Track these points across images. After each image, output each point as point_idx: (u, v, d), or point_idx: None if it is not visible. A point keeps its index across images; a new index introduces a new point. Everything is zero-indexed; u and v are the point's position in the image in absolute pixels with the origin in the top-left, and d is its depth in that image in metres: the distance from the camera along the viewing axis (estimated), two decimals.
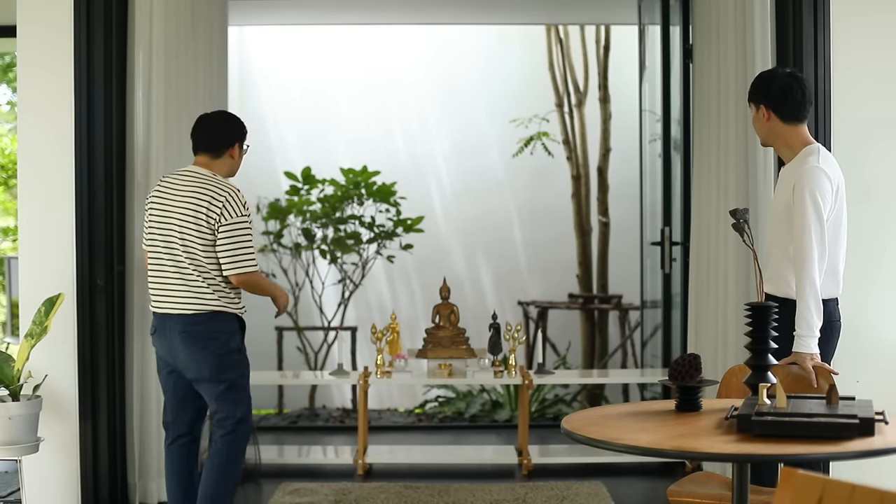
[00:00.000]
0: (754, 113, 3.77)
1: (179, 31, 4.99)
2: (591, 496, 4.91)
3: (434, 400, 7.55)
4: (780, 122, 3.71)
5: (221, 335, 4.04)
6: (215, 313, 4.03)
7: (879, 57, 4.35)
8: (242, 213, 4.01)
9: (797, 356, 3.43)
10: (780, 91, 3.70)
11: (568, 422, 2.82)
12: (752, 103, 3.77)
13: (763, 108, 3.71)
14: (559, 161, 8.15)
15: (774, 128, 3.73)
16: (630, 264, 7.36)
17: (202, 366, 4.03)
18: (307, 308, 7.76)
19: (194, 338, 4.01)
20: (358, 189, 7.28)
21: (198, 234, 4.00)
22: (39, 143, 4.54)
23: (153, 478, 4.82)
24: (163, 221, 4.05)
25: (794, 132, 3.72)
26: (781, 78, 3.72)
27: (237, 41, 8.08)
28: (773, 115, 3.71)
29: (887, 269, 4.33)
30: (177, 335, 4.03)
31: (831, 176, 3.58)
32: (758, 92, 3.76)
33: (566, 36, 8.11)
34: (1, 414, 4.06)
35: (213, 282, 4.02)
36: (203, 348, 4.01)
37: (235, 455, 4.10)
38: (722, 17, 4.89)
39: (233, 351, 4.07)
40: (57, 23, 4.50)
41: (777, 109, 3.70)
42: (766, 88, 3.74)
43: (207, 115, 4.31)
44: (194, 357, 4.03)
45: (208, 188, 4.02)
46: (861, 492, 1.78)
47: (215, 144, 4.15)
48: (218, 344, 4.03)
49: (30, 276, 4.54)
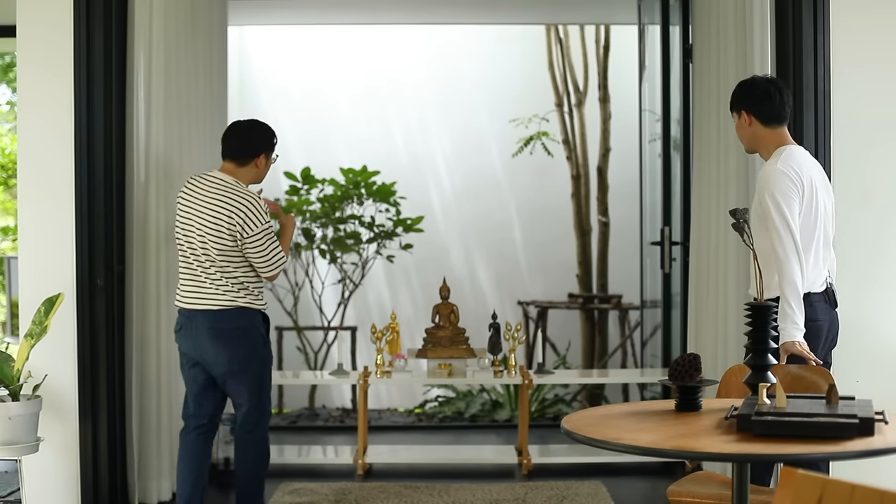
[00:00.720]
0: (737, 120, 3.87)
1: (179, 31, 4.99)
2: (591, 496, 4.91)
3: (434, 400, 7.55)
4: (761, 127, 3.81)
5: (247, 330, 4.19)
6: (240, 309, 4.18)
7: (880, 59, 4.34)
8: (264, 221, 4.15)
9: (782, 348, 3.50)
10: (760, 95, 3.80)
11: (568, 422, 2.82)
12: (734, 111, 3.88)
13: (745, 113, 3.82)
14: (559, 161, 8.15)
15: (756, 132, 3.83)
16: (630, 264, 7.36)
17: (230, 361, 4.19)
18: (307, 308, 7.76)
19: (221, 335, 4.16)
20: (358, 189, 7.28)
21: (217, 240, 4.14)
22: (39, 143, 4.54)
23: (153, 478, 4.82)
24: (186, 224, 4.20)
25: (774, 135, 3.81)
26: (760, 83, 3.83)
27: (237, 41, 8.08)
28: (755, 120, 3.82)
29: (887, 271, 4.33)
30: (204, 332, 4.17)
31: (794, 173, 3.65)
32: (738, 99, 3.87)
33: (566, 36, 8.11)
34: (1, 414, 4.06)
35: (237, 281, 4.17)
36: (229, 345, 4.17)
37: (262, 450, 4.31)
38: (722, 17, 4.89)
39: (257, 345, 4.23)
40: (57, 22, 4.50)
41: (758, 113, 3.80)
42: (745, 94, 3.85)
43: (238, 122, 4.36)
44: (221, 353, 4.18)
45: (229, 198, 4.14)
46: (861, 492, 1.78)
47: (241, 153, 4.23)
48: (244, 339, 4.19)
49: (30, 275, 4.54)
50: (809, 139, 4.31)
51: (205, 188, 4.20)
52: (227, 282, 4.15)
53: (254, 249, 4.14)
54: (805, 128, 4.33)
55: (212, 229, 4.13)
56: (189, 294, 4.21)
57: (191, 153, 5.14)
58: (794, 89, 4.36)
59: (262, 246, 4.15)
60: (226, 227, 4.11)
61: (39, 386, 4.27)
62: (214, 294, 4.16)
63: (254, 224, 4.12)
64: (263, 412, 4.31)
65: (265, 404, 4.31)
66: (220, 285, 4.15)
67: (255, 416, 4.28)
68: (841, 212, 4.34)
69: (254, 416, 4.28)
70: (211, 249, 4.14)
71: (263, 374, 4.29)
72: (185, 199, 4.23)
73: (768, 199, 3.60)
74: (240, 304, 4.17)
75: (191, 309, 4.20)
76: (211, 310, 4.16)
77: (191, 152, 5.14)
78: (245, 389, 4.25)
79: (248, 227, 4.11)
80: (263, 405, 4.30)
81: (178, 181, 4.99)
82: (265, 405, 4.31)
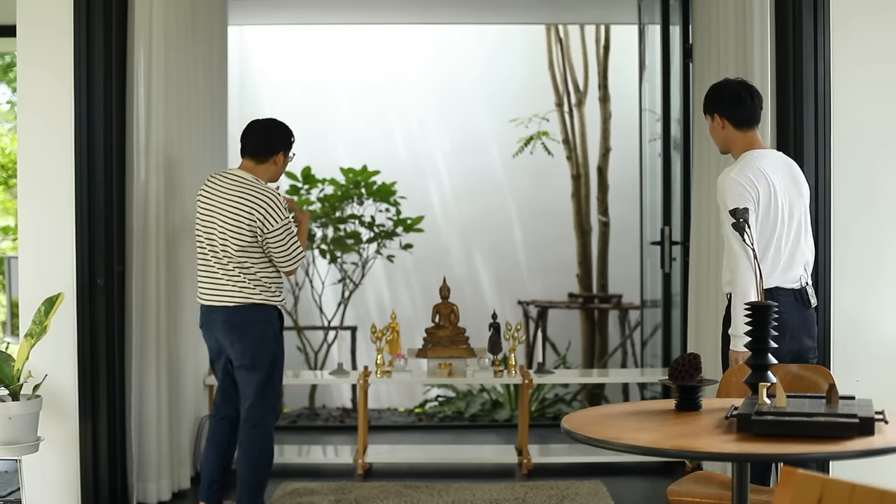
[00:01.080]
0: (710, 123, 3.96)
1: (179, 31, 4.99)
2: (591, 496, 4.91)
3: (434, 399, 7.55)
4: (733, 129, 3.89)
5: (259, 324, 4.32)
6: (255, 305, 4.31)
7: (882, 59, 4.34)
8: (284, 217, 4.26)
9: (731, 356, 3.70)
10: (731, 98, 3.89)
11: (568, 421, 2.82)
12: (707, 114, 3.97)
13: (717, 116, 3.91)
14: (559, 161, 8.15)
15: (729, 135, 3.91)
16: (630, 264, 7.36)
17: (244, 353, 4.34)
18: (307, 308, 7.76)
19: (236, 328, 4.31)
20: (358, 189, 7.28)
21: (238, 237, 4.26)
22: (39, 143, 4.54)
23: (153, 478, 4.82)
24: (207, 221, 4.33)
25: (745, 138, 3.90)
26: (732, 86, 3.92)
27: (237, 41, 8.08)
28: (727, 123, 3.90)
29: (888, 271, 4.34)
30: (220, 326, 4.34)
31: (748, 181, 3.73)
32: (710, 102, 3.97)
33: (566, 36, 8.11)
34: (1, 413, 4.06)
35: (254, 278, 4.30)
36: (242, 337, 4.32)
37: (266, 445, 4.41)
38: (722, 16, 4.89)
39: (270, 339, 4.36)
40: (57, 22, 4.50)
41: (730, 116, 3.89)
42: (717, 97, 3.94)
43: (256, 121, 4.48)
44: (234, 346, 4.34)
45: (249, 195, 4.26)
46: (861, 491, 1.78)
47: (260, 151, 4.36)
48: (257, 332, 4.32)
49: (30, 275, 4.53)
50: (809, 139, 4.31)
51: (225, 186, 4.32)
52: (245, 278, 4.28)
53: (275, 244, 4.26)
54: (805, 128, 4.33)
55: (232, 225, 4.25)
56: (207, 290, 4.35)
57: (191, 153, 5.14)
58: (795, 89, 4.37)
59: (282, 240, 4.26)
60: (246, 223, 4.23)
61: (39, 386, 4.27)
62: (231, 290, 4.29)
63: (274, 220, 4.23)
64: (268, 410, 4.39)
65: (271, 402, 4.40)
66: (237, 282, 4.27)
67: (258, 412, 4.36)
68: (842, 212, 4.34)
69: (257, 410, 4.36)
70: (231, 246, 4.26)
71: (273, 371, 4.39)
72: (206, 197, 4.34)
73: (722, 208, 3.73)
74: (255, 301, 4.29)
75: (209, 305, 4.35)
76: (227, 306, 4.29)
77: (191, 152, 5.14)
78: (254, 382, 4.35)
79: (268, 222, 4.23)
80: (269, 402, 4.39)
81: (178, 181, 4.99)
82: (271, 403, 4.40)
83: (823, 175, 4.32)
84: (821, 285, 4.26)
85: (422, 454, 5.95)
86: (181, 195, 5.04)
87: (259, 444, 4.39)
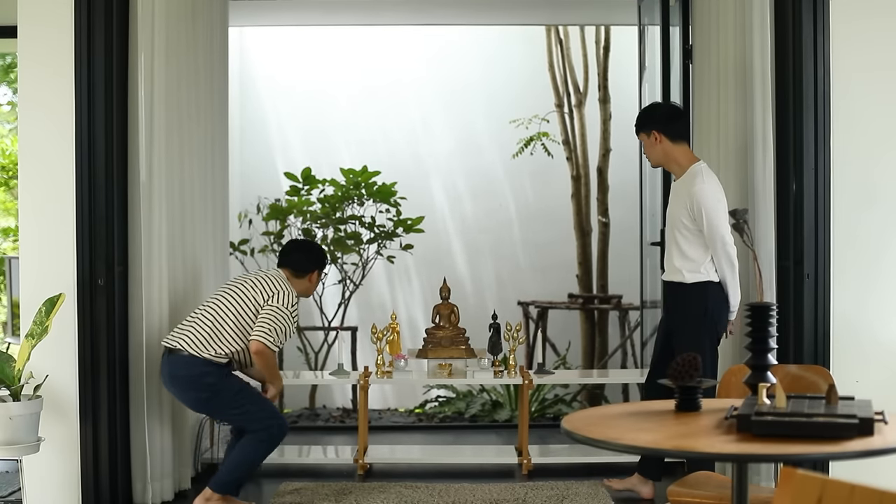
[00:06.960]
0: (645, 140, 4.47)
1: (180, 32, 4.99)
2: (591, 496, 4.91)
3: (434, 400, 7.55)
4: (669, 143, 4.43)
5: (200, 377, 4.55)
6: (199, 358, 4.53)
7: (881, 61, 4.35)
8: (290, 307, 4.64)
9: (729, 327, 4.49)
10: (665, 115, 4.48)
11: (568, 422, 2.83)
12: (643, 132, 4.49)
13: (654, 133, 4.43)
14: (559, 161, 8.16)
15: (666, 149, 4.44)
16: (630, 264, 7.36)
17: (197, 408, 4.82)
18: (307, 308, 7.76)
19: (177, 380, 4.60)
20: (358, 189, 7.28)
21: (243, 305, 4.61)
22: (40, 143, 4.54)
23: (153, 478, 4.82)
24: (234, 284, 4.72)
25: (681, 151, 4.46)
26: (663, 106, 4.58)
27: (238, 42, 8.08)
28: (664, 137, 4.43)
29: (887, 272, 4.34)
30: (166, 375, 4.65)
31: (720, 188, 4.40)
32: (644, 121, 4.50)
33: (566, 36, 8.11)
34: (2, 414, 4.07)
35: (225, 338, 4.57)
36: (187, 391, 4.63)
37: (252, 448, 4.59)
38: (722, 17, 4.90)
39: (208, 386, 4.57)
40: (58, 22, 4.51)
41: (666, 131, 4.42)
42: (651, 116, 4.50)
43: (297, 241, 5.44)
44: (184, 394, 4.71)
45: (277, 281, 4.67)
46: (860, 492, 1.79)
47: (298, 267, 4.86)
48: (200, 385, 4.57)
49: (30, 276, 4.54)
50: (809, 140, 4.32)
51: (263, 272, 4.80)
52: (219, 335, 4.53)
53: (268, 311, 4.58)
54: (805, 128, 4.33)
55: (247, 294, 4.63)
56: (178, 331, 4.60)
57: (192, 154, 5.14)
58: (794, 90, 4.37)
59: (275, 315, 4.58)
60: (260, 296, 4.62)
61: (40, 386, 4.28)
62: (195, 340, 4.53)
63: (284, 301, 4.61)
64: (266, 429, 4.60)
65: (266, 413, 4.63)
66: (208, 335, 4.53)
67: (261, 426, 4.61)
68: (841, 214, 4.35)
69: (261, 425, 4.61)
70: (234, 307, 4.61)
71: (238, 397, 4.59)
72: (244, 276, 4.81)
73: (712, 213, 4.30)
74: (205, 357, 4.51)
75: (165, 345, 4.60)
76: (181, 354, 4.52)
77: (192, 153, 5.14)
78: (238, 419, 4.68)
79: (275, 298, 4.61)
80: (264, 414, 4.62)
81: (178, 181, 4.99)
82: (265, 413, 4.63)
83: (823, 177, 4.33)
84: (821, 286, 4.27)
85: (422, 455, 5.95)
86: (182, 195, 5.04)
87: (252, 444, 4.58)
